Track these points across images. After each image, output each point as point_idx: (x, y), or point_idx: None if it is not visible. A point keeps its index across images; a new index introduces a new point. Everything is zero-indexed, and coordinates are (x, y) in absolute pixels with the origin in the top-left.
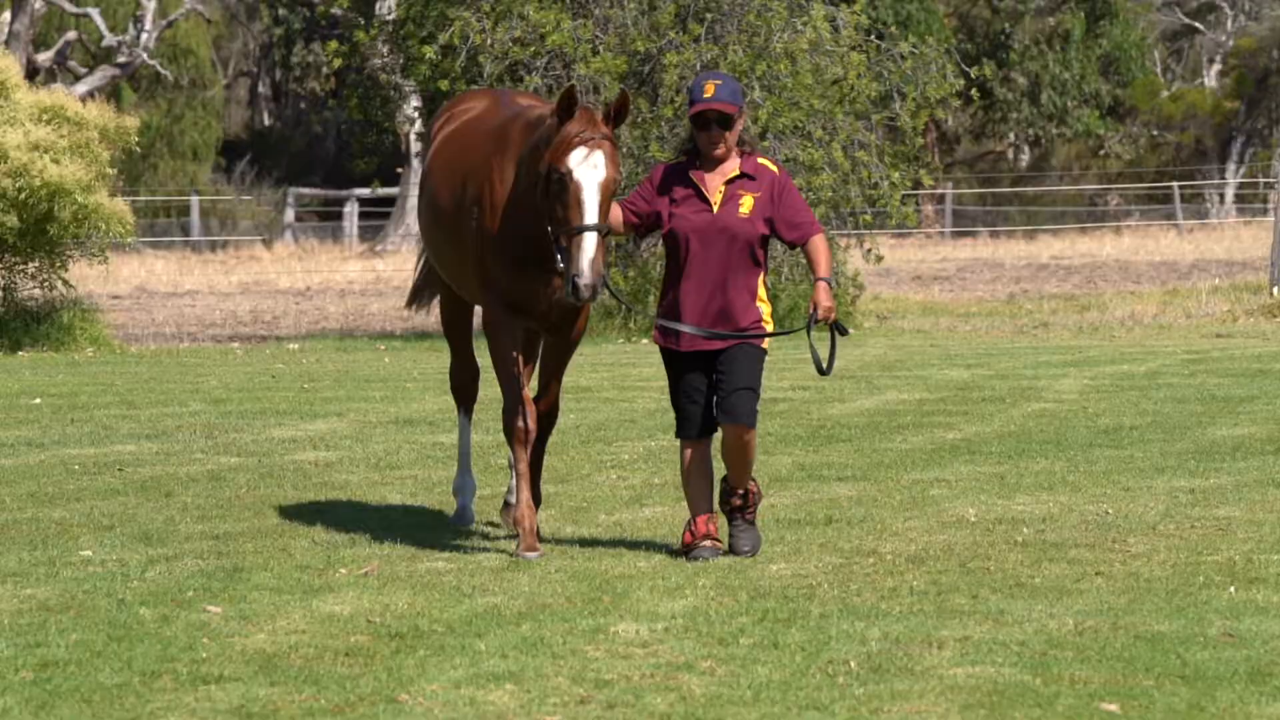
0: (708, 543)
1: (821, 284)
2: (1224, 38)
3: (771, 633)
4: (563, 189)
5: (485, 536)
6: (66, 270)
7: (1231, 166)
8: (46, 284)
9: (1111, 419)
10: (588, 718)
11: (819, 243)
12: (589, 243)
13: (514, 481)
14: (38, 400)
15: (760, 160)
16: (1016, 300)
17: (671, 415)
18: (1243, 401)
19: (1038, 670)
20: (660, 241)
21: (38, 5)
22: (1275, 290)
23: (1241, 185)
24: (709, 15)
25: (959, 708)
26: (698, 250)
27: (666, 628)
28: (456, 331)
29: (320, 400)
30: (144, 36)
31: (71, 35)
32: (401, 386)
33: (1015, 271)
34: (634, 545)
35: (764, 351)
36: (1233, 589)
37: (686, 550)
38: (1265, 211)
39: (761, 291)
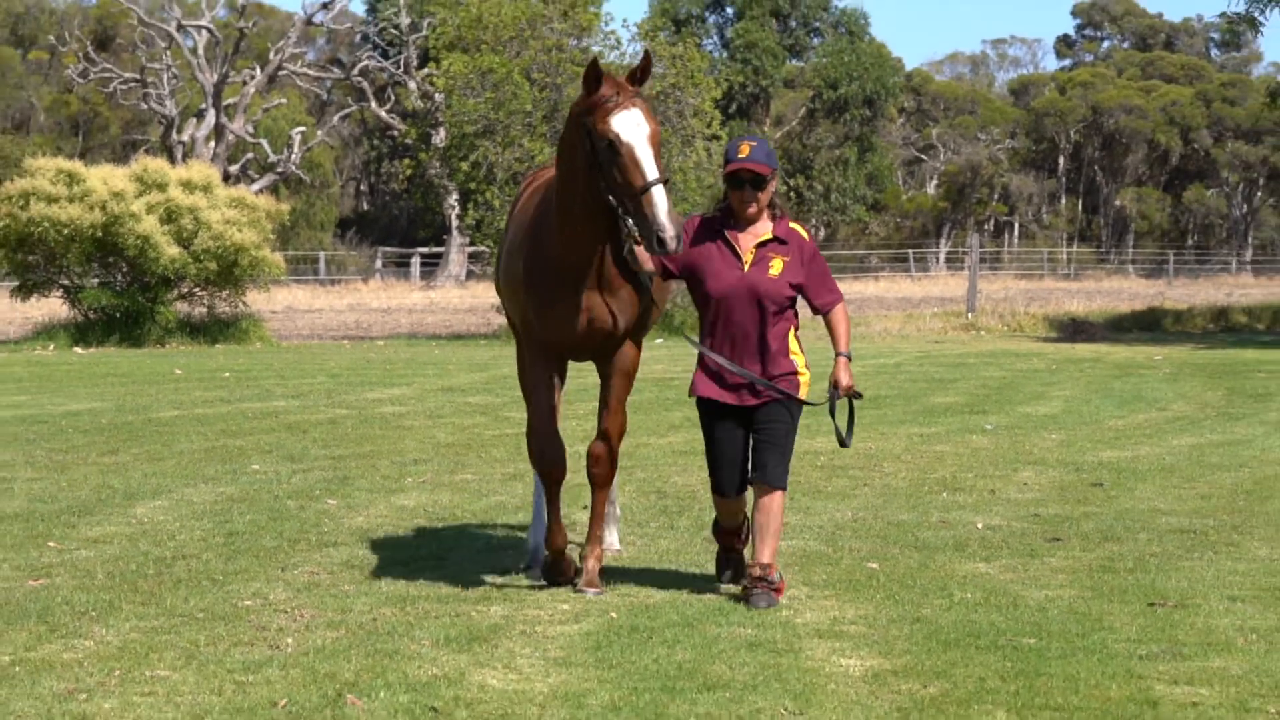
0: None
1: (841, 360)
2: (939, 164)
3: (669, 519)
4: (615, 154)
5: (496, 461)
6: (244, 295)
7: (943, 241)
8: (233, 304)
9: (874, 391)
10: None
11: (839, 314)
12: (659, 197)
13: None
14: (227, 374)
15: (791, 225)
16: (815, 319)
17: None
18: (951, 381)
19: (829, 543)
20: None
21: (230, 138)
22: (969, 315)
23: (949, 252)
24: None
25: (782, 565)
26: (728, 308)
27: None
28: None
29: (396, 375)
30: (293, 155)
31: (250, 155)
32: (445, 368)
33: None
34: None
35: (800, 409)
36: (945, 494)
37: (722, 545)
38: (964, 268)
39: (794, 345)
